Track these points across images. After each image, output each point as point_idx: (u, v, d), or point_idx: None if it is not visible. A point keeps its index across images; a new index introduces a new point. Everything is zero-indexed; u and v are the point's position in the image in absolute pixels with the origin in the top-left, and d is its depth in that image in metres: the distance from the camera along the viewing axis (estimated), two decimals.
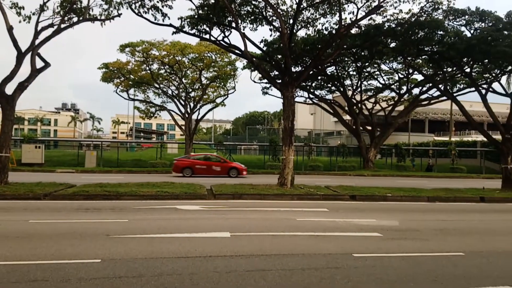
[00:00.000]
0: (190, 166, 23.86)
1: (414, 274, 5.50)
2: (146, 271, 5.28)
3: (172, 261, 5.81)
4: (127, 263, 5.65)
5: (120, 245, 6.65)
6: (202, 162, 24.50)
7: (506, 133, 18.11)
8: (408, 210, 12.20)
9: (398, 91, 33.61)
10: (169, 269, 5.43)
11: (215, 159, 25.33)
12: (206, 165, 24.28)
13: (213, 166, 24.30)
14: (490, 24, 16.92)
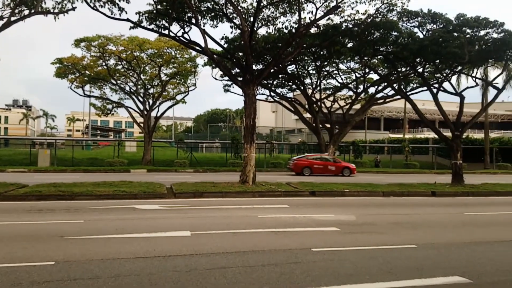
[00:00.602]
0: (309, 166, 25.79)
1: (369, 266, 5.68)
2: (102, 273, 5.12)
3: (130, 261, 5.67)
4: (83, 265, 5.46)
5: (75, 247, 6.41)
6: (319, 162, 26.36)
7: (455, 130, 19.09)
8: (364, 205, 12.59)
9: (355, 90, 34.53)
10: (126, 270, 5.30)
11: (331, 160, 27.17)
12: (322, 165, 26.19)
13: (328, 166, 26.28)
14: (441, 26, 17.75)
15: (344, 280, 5.00)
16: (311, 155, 28.53)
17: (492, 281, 5.14)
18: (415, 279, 5.11)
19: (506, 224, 9.67)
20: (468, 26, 17.08)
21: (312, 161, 26.22)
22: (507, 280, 5.23)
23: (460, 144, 19.13)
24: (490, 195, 15.83)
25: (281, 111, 66.18)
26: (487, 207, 12.62)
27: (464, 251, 6.87)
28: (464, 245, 7.27)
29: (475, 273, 5.43)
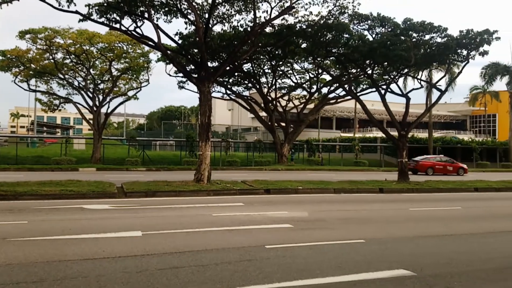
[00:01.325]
0: (432, 166, 29.10)
1: (320, 262, 5.84)
2: (47, 275, 4.89)
3: (78, 263, 5.45)
4: (26, 267, 5.18)
5: (18, 249, 6.06)
6: (440, 163, 29.77)
7: (401, 130, 20.04)
8: (317, 201, 12.91)
9: (309, 89, 35.32)
10: (73, 272, 5.09)
11: (449, 161, 30.46)
12: (442, 166, 29.54)
13: (447, 166, 29.62)
14: (389, 30, 18.55)
15: (295, 276, 5.10)
16: (432, 156, 32.14)
17: (433, 273, 5.45)
18: (362, 273, 5.31)
19: (446, 219, 10.27)
20: (414, 30, 17.97)
21: (434, 162, 29.92)
22: (447, 272, 5.56)
23: (406, 143, 20.10)
24: (433, 192, 16.77)
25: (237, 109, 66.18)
26: (430, 203, 13.37)
27: (408, 245, 7.24)
28: (408, 240, 7.67)
29: (418, 266, 5.73)
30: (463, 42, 18.01)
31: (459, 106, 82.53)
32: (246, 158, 33.25)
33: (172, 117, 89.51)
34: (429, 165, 29.29)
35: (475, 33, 17.66)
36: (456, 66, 25.83)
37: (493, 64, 40.49)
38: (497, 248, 7.21)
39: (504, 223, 9.66)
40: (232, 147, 36.77)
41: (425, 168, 28.96)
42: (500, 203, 14.09)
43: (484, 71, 41.31)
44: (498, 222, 9.94)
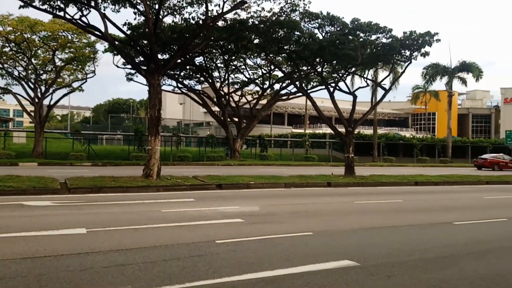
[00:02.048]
0: (497, 163, 34.14)
1: (270, 255, 5.93)
2: None
3: (16, 262, 5.14)
4: None
5: None
6: (503, 160, 34.92)
7: (348, 126, 20.78)
8: (268, 196, 13.08)
9: (261, 85, 35.58)
10: (11, 271, 4.79)
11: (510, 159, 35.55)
12: (505, 163, 34.48)
13: (508, 163, 34.57)
14: (338, 29, 19.11)
15: (245, 270, 5.14)
16: (495, 155, 36.52)
17: (376, 264, 5.71)
18: (310, 265, 5.45)
19: (389, 211, 10.82)
20: (361, 30, 18.64)
21: (499, 160, 34.84)
22: (388, 262, 5.85)
23: (352, 139, 20.88)
24: (377, 185, 17.56)
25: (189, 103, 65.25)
26: (374, 196, 13.98)
27: (354, 237, 7.54)
28: (354, 231, 7.98)
29: (362, 257, 5.98)
30: (407, 43, 18.94)
31: (402, 105, 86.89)
32: (198, 153, 32.93)
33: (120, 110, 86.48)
34: (495, 162, 34.69)
35: (418, 35, 18.63)
36: (400, 66, 27.08)
37: (433, 65, 43.00)
38: (434, 238, 7.68)
39: (441, 215, 10.32)
40: (183, 142, 36.19)
41: (492, 164, 34.16)
42: (438, 196, 15.02)
43: (425, 71, 43.79)
44: (436, 214, 10.59)
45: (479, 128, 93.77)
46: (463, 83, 44.35)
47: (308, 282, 4.80)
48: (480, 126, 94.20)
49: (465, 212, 11.04)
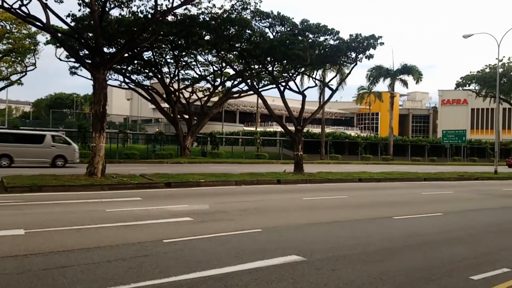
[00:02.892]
0: None
1: (219, 252, 5.93)
2: None
3: None
4: None
5: None
6: None
7: (298, 125, 21.22)
8: (218, 194, 13.05)
9: (213, 82, 35.35)
10: None
11: None
12: None
13: None
14: (288, 29, 19.43)
15: (193, 268, 5.10)
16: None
17: (322, 258, 5.91)
18: (258, 261, 5.53)
19: (334, 207, 11.21)
20: (310, 31, 19.09)
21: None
22: (333, 255, 6.07)
23: (302, 137, 21.35)
24: (324, 182, 18.10)
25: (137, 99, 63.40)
26: (321, 192, 14.41)
27: (301, 232, 7.72)
28: (301, 227, 8.18)
29: (308, 251, 6.16)
30: (353, 46, 19.67)
31: (348, 105, 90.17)
32: (146, 151, 32.10)
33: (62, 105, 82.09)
34: None
35: (363, 38, 19.41)
36: (346, 67, 28.06)
37: (377, 67, 44.99)
38: (376, 232, 8.07)
39: (383, 210, 10.85)
40: (130, 139, 35.14)
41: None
42: (380, 192, 15.78)
43: (369, 73, 45.73)
44: (377, 209, 11.12)
45: (419, 127, 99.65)
46: (404, 85, 46.85)
47: (256, 278, 4.87)
48: (419, 126, 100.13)
49: (404, 207, 11.69)
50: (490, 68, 34.45)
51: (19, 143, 20.51)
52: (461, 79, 36.32)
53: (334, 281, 4.93)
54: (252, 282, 4.76)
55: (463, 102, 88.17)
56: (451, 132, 45.51)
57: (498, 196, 15.36)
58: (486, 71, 34.63)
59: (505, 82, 32.61)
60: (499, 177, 24.66)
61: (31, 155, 20.54)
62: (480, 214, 11.07)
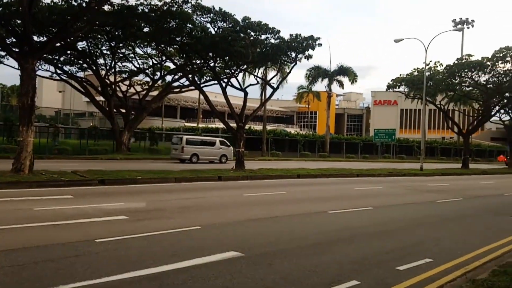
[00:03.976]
0: None
1: (155, 251, 5.81)
2: None
3: None
4: None
5: None
6: None
7: (240, 122, 21.32)
8: (156, 191, 12.73)
9: (152, 76, 34.29)
10: None
11: None
12: None
13: None
14: (230, 25, 19.39)
15: (127, 268, 4.95)
16: None
17: (260, 253, 6.01)
18: (196, 258, 5.49)
19: (273, 203, 11.42)
20: (252, 29, 19.22)
21: None
22: (271, 250, 6.20)
23: (243, 134, 21.49)
24: (264, 179, 18.37)
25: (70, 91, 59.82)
26: (261, 188, 14.61)
27: (240, 228, 7.80)
28: (240, 223, 8.25)
29: (247, 247, 6.23)
30: (293, 45, 20.11)
31: (289, 103, 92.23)
32: (79, 146, 30.41)
33: None
34: None
35: (302, 38, 19.92)
36: (287, 66, 28.61)
37: (316, 68, 46.40)
38: (312, 227, 8.36)
39: (319, 205, 11.26)
40: (62, 133, 33.13)
41: None
42: (317, 187, 16.35)
43: (308, 73, 47.02)
44: (314, 204, 11.53)
45: (353, 126, 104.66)
46: (341, 85, 48.81)
47: (193, 276, 4.83)
48: (354, 124, 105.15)
49: (339, 202, 12.22)
50: (418, 71, 36.88)
51: (202, 145, 28.37)
52: (392, 81, 38.43)
53: (271, 276, 5.04)
54: (189, 280, 4.72)
55: (393, 103, 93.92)
56: (382, 131, 48.29)
57: (423, 191, 16.57)
58: (414, 74, 37.01)
59: (431, 85, 35.06)
60: (424, 174, 26.61)
61: (209, 154, 28.49)
62: (406, 208, 11.88)
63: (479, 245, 7.21)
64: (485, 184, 21.53)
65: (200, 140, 29.48)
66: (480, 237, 8.03)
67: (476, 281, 4.97)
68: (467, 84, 36.91)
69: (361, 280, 5.03)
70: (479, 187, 20.03)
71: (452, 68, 34.61)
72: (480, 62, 33.40)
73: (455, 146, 61.38)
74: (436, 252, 6.63)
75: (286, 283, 4.83)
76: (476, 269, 5.77)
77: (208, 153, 28.48)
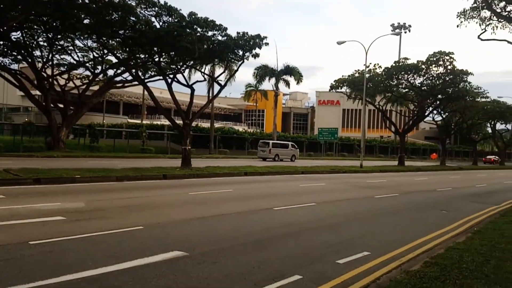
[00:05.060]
0: None
1: (94, 253, 5.58)
2: None
3: None
4: None
5: None
6: None
7: (186, 119, 21.01)
8: (96, 190, 12.21)
9: (93, 70, 32.77)
10: None
11: None
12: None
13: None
14: (176, 20, 18.99)
15: (64, 271, 4.71)
16: None
17: (204, 251, 5.97)
18: (137, 259, 5.34)
19: (220, 200, 11.39)
20: (198, 25, 18.97)
21: None
22: (215, 248, 6.18)
23: (190, 131, 21.20)
24: (211, 177, 18.26)
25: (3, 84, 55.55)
26: (208, 187, 14.52)
27: (185, 227, 7.69)
28: (185, 222, 8.14)
29: (191, 246, 6.17)
30: (240, 43, 20.14)
31: (237, 101, 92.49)
32: (12, 143, 28.37)
33: None
34: None
35: (249, 37, 20.02)
36: (235, 64, 28.64)
37: (263, 66, 46.85)
38: (256, 223, 8.45)
39: (264, 202, 11.40)
40: None
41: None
42: (264, 185, 16.55)
43: (256, 72, 47.37)
44: (260, 201, 11.66)
45: (299, 125, 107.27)
46: (287, 84, 49.64)
47: (134, 277, 4.70)
48: (299, 123, 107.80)
49: (284, 198, 12.46)
50: (359, 73, 38.55)
51: (281, 148, 37.69)
52: (335, 82, 39.86)
53: (215, 274, 5.03)
54: (130, 281, 4.58)
55: (336, 103, 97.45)
56: (325, 130, 49.97)
57: (362, 187, 17.35)
58: (355, 75, 38.64)
59: (371, 86, 36.83)
60: (363, 171, 27.87)
61: (285, 154, 37.29)
62: (347, 204, 12.39)
63: (413, 238, 7.69)
64: (419, 180, 23.00)
65: (279, 144, 38.73)
66: (414, 230, 8.56)
67: (410, 272, 5.29)
68: (404, 86, 39.18)
69: (303, 275, 5.17)
70: (414, 183, 21.35)
71: (390, 71, 36.57)
72: (416, 65, 35.60)
73: (392, 145, 64.90)
74: (373, 245, 6.97)
75: (230, 281, 4.85)
76: (410, 261, 6.14)
77: (285, 154, 37.30)
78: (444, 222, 9.72)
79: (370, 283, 5.03)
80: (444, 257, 6.05)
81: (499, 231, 8.16)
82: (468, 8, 16.63)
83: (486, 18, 16.49)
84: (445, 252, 6.36)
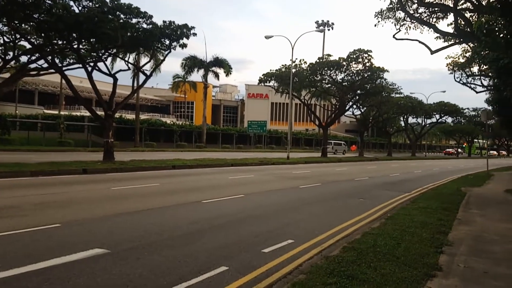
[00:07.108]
0: None
1: (5, 253, 5.15)
2: None
3: None
4: None
5: None
6: None
7: (108, 109, 20.00)
8: (8, 186, 11.22)
9: (3, 56, 29.72)
10: None
11: None
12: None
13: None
14: (97, 5, 17.89)
15: None
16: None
17: (127, 248, 5.77)
18: (54, 258, 5.03)
19: (145, 195, 11.05)
20: (121, 11, 18.03)
21: None
22: (140, 244, 6.01)
23: (112, 123, 20.21)
24: (136, 170, 17.62)
25: None
26: (132, 181, 14.00)
27: (107, 224, 7.36)
28: (107, 218, 7.79)
29: (113, 243, 5.93)
30: (166, 32, 19.54)
31: (164, 92, 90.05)
32: None
33: None
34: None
35: (176, 26, 19.51)
36: (161, 54, 27.80)
37: (192, 57, 46.16)
38: (184, 217, 8.35)
39: (193, 195, 11.29)
40: None
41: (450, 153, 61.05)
42: (192, 178, 16.37)
43: (184, 62, 46.52)
44: (188, 194, 11.52)
45: (229, 117, 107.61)
46: (216, 76, 49.48)
47: (49, 278, 4.42)
48: (229, 116, 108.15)
49: (213, 191, 12.45)
50: (285, 68, 39.55)
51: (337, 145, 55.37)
52: (263, 75, 40.51)
53: (138, 270, 4.90)
54: (45, 282, 4.30)
55: (265, 96, 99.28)
56: (255, 123, 50.67)
57: (289, 178, 17.94)
58: (282, 70, 39.59)
59: (297, 81, 38.00)
60: (290, 162, 28.82)
61: (339, 149, 54.09)
62: (274, 194, 12.73)
63: (333, 225, 8.14)
64: (340, 171, 24.34)
65: (336, 142, 56.36)
66: (335, 218, 9.07)
67: (330, 257, 5.61)
68: (327, 81, 41.04)
69: (230, 265, 5.24)
70: (335, 173, 22.55)
71: (314, 66, 38.06)
72: (337, 62, 37.45)
73: (317, 137, 67.83)
74: (297, 233, 7.27)
75: (154, 276, 4.76)
76: (330, 246, 6.50)
77: (339, 149, 54.56)
78: (361, 209, 10.42)
79: (293, 269, 5.25)
80: (360, 242, 6.49)
81: (409, 217, 8.94)
82: (385, 9, 17.87)
83: (401, 18, 17.86)
84: (362, 237, 6.83)
